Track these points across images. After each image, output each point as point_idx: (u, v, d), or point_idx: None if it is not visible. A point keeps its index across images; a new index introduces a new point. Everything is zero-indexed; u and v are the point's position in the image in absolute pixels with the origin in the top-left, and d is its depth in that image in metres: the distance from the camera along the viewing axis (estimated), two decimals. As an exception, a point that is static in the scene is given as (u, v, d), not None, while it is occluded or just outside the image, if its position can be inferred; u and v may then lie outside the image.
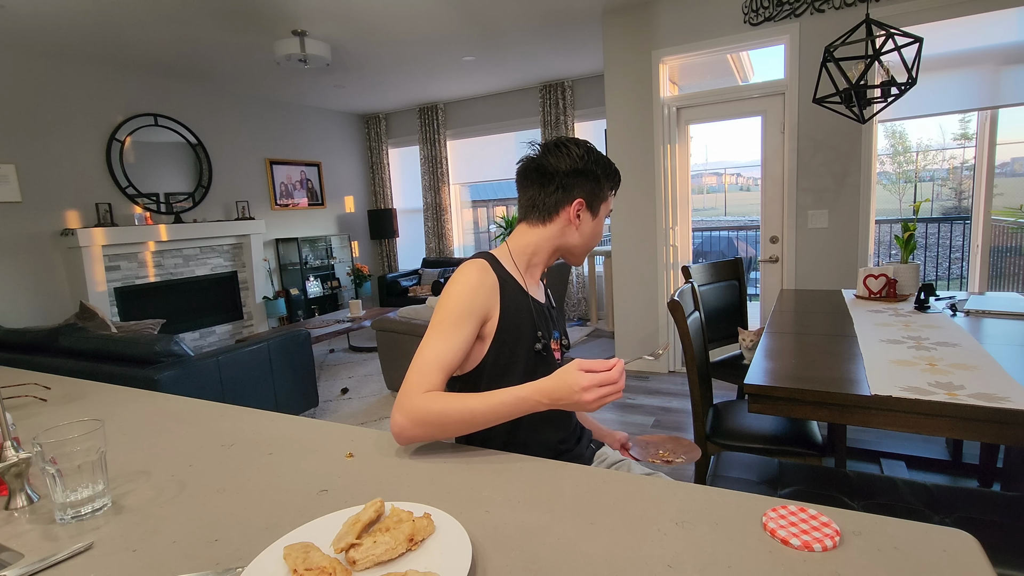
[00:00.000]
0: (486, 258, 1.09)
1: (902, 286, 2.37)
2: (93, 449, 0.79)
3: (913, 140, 6.43)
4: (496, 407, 0.90)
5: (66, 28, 3.64)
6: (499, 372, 1.06)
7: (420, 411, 0.91)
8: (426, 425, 0.91)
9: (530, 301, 1.12)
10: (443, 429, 0.91)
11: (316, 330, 4.36)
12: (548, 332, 1.14)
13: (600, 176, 1.14)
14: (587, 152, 1.13)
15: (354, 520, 0.69)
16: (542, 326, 1.12)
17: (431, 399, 0.92)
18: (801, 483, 1.40)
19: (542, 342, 1.10)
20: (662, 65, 3.75)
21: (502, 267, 1.10)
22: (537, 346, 1.10)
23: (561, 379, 0.86)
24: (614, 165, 1.18)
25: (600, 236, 1.20)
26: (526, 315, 1.09)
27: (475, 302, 1.01)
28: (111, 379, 2.23)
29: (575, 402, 0.85)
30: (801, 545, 0.63)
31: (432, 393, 0.93)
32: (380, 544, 0.65)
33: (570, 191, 1.11)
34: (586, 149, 1.14)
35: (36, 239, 4.15)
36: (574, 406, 0.86)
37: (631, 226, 4.00)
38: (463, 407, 0.91)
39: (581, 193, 1.12)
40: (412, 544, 0.68)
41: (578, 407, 0.86)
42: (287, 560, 0.63)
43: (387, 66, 4.94)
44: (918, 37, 2.15)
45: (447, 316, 0.99)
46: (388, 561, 0.65)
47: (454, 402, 0.91)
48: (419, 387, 0.94)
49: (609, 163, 1.17)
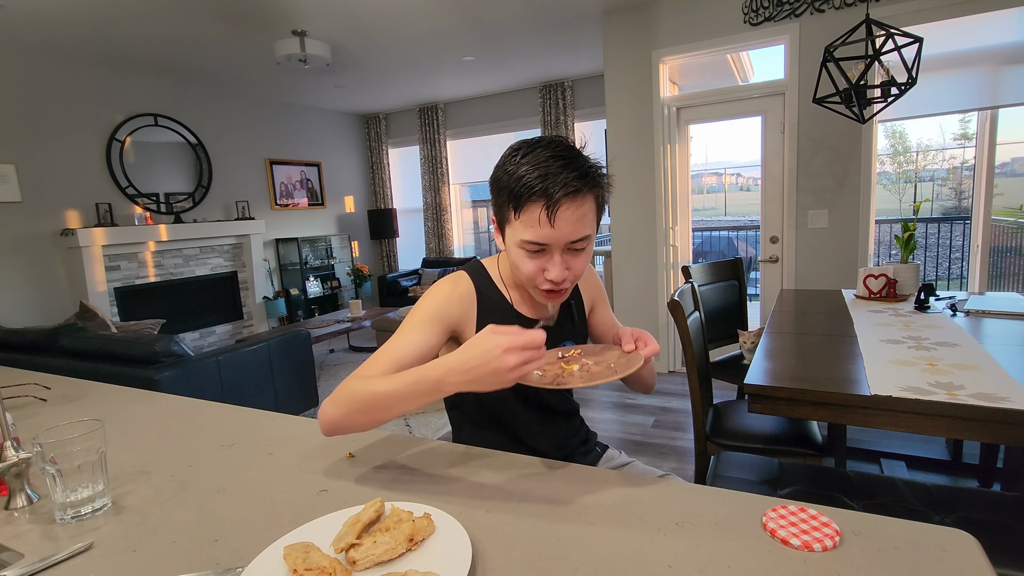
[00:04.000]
0: (471, 268, 1.04)
1: (902, 286, 2.37)
2: (93, 449, 0.79)
3: (913, 140, 6.44)
4: (398, 387, 0.78)
5: (66, 28, 3.64)
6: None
7: (337, 391, 0.85)
8: (336, 404, 0.84)
9: (512, 318, 1.02)
10: (352, 409, 0.83)
11: (316, 330, 4.36)
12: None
13: (498, 191, 0.92)
14: (506, 155, 0.92)
15: (354, 520, 0.69)
16: None
17: (350, 380, 0.85)
18: (801, 483, 1.40)
19: None
20: (662, 65, 3.75)
21: (488, 279, 1.03)
22: None
23: (474, 343, 0.72)
24: (525, 180, 0.86)
25: (525, 272, 0.92)
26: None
27: (441, 308, 0.95)
28: (111, 379, 2.22)
29: (493, 369, 0.70)
30: (801, 545, 0.63)
31: (357, 376, 0.86)
32: (380, 544, 0.65)
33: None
34: (511, 151, 0.91)
35: (36, 239, 4.15)
36: (491, 375, 0.70)
37: (631, 226, 4.00)
38: (369, 387, 0.81)
39: (493, 209, 0.96)
40: (412, 544, 0.67)
41: (495, 376, 0.70)
42: (287, 560, 0.63)
43: (387, 66, 4.94)
44: (918, 37, 2.15)
45: (411, 319, 0.94)
46: (388, 561, 0.65)
47: (364, 383, 0.83)
48: (358, 373, 0.88)
49: (513, 177, 0.87)
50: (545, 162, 0.86)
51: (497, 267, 1.05)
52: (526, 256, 0.91)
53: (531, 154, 0.88)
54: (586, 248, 0.93)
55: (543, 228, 0.87)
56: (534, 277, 0.93)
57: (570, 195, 0.86)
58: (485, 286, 1.02)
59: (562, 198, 0.85)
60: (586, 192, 0.88)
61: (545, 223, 0.86)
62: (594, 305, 1.18)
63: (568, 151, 0.89)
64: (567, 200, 0.86)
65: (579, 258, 0.93)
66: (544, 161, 0.86)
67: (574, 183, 0.85)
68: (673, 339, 3.99)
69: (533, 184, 0.85)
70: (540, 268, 0.92)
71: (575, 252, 0.92)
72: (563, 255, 0.91)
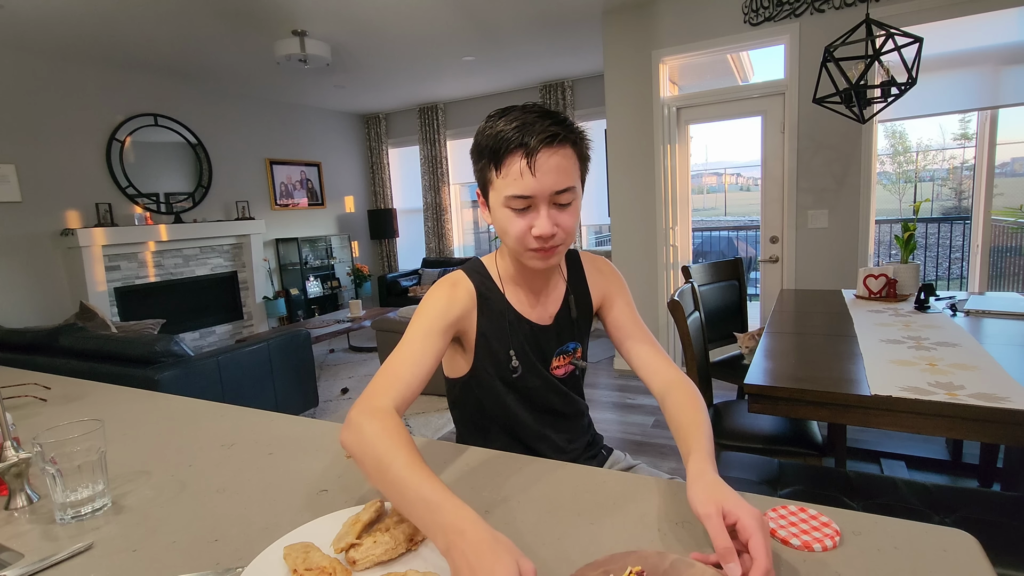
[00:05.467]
0: (470, 268, 1.03)
1: (902, 286, 2.37)
2: (93, 449, 0.79)
3: (913, 140, 6.43)
4: (410, 486, 0.66)
5: (66, 28, 3.64)
6: (483, 387, 1.02)
7: (361, 422, 0.75)
8: (355, 444, 0.74)
9: (507, 316, 1.01)
10: (361, 456, 0.73)
11: (316, 330, 4.36)
12: (539, 350, 1.04)
13: (479, 155, 0.92)
14: (483, 123, 0.91)
15: (354, 520, 0.69)
16: (526, 344, 1.02)
17: (381, 420, 0.75)
18: (801, 483, 1.40)
19: (516, 361, 1.01)
20: (662, 65, 3.75)
21: (488, 277, 1.02)
22: (512, 363, 1.00)
23: (498, 551, 0.56)
24: (502, 134, 0.87)
25: (513, 233, 0.91)
26: (501, 331, 1.01)
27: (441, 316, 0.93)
28: (111, 379, 2.23)
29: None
30: (801, 545, 0.63)
31: (392, 417, 0.77)
32: (380, 544, 0.65)
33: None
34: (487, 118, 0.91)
35: (36, 239, 4.15)
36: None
37: (631, 226, 4.00)
38: (384, 457, 0.70)
39: (477, 180, 0.96)
40: (412, 544, 0.67)
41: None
42: (287, 560, 0.63)
43: (387, 66, 4.94)
44: (918, 37, 2.15)
45: (414, 329, 0.91)
46: (388, 561, 0.65)
47: (386, 446, 0.71)
48: (385, 391, 0.82)
49: (490, 135, 0.88)
50: (520, 116, 0.87)
51: (495, 264, 1.04)
52: (513, 215, 0.90)
53: (506, 115, 0.89)
54: (573, 203, 0.91)
55: (525, 179, 0.86)
56: (523, 237, 0.90)
57: (547, 142, 0.85)
58: (484, 285, 1.01)
59: (540, 146, 0.85)
60: (564, 140, 0.87)
61: (527, 173, 0.86)
62: (608, 299, 1.12)
63: (542, 108, 0.90)
64: (545, 148, 0.85)
65: (565, 213, 0.91)
66: (519, 115, 0.87)
67: (551, 129, 0.85)
68: (673, 339, 3.99)
69: (510, 136, 0.86)
70: (528, 226, 0.90)
71: (561, 207, 0.90)
72: (549, 209, 0.89)
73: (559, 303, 1.07)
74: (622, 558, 0.60)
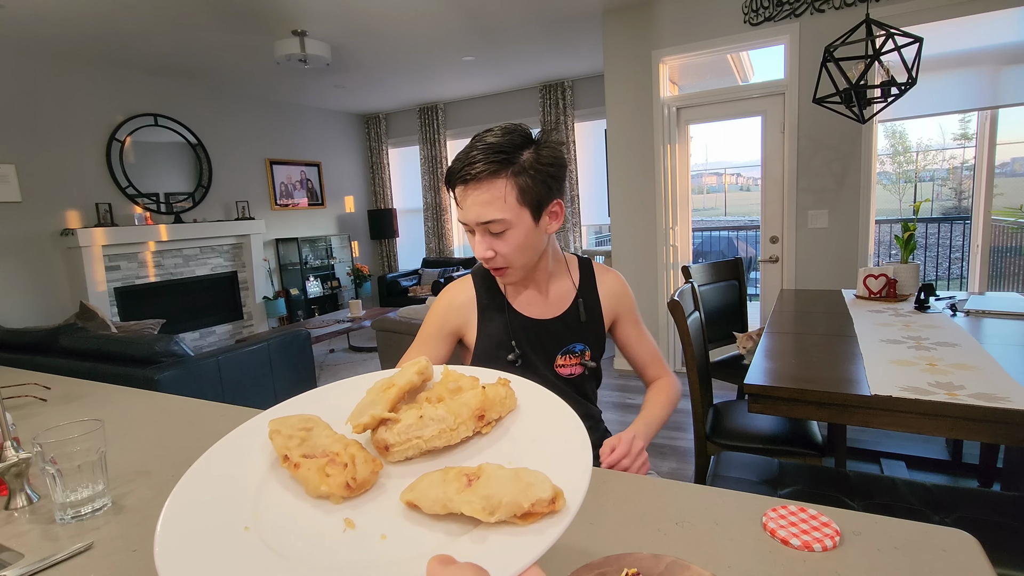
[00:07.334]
0: (476, 272, 1.07)
1: (902, 286, 2.37)
2: (93, 449, 0.79)
3: (913, 140, 6.43)
4: None
5: (66, 28, 3.64)
6: None
7: None
8: None
9: (505, 317, 1.03)
10: None
11: (316, 330, 4.36)
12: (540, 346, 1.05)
13: None
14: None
15: (386, 384, 0.44)
16: (525, 338, 1.04)
17: None
18: (801, 483, 1.40)
19: (517, 351, 1.03)
20: (662, 65, 3.75)
21: (491, 279, 1.06)
22: (511, 355, 1.03)
23: None
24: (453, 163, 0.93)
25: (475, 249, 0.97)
26: (501, 327, 1.03)
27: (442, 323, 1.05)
28: (111, 379, 2.22)
29: None
30: (801, 545, 0.63)
31: None
32: (431, 421, 0.40)
33: None
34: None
35: (36, 239, 4.15)
36: None
37: (631, 226, 4.00)
38: None
39: None
40: (483, 424, 0.42)
41: None
42: (274, 441, 0.41)
43: (387, 66, 4.94)
44: (918, 37, 2.15)
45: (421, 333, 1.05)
46: (444, 449, 0.40)
47: None
48: None
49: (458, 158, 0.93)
50: (469, 147, 0.92)
51: None
52: (469, 235, 0.98)
53: (470, 142, 0.93)
54: (507, 232, 0.92)
55: (462, 208, 0.93)
56: (478, 255, 0.97)
57: (471, 180, 0.89)
58: (486, 289, 1.05)
59: (463, 182, 0.90)
60: (489, 177, 0.89)
61: (462, 203, 0.93)
62: (618, 318, 1.18)
63: (490, 139, 0.90)
64: (469, 185, 0.90)
65: (501, 241, 0.93)
66: (470, 146, 0.92)
67: (473, 168, 0.89)
68: (673, 339, 3.99)
69: (453, 167, 0.92)
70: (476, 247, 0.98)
71: (495, 235, 0.93)
72: (483, 236, 0.94)
73: (566, 303, 1.09)
74: (617, 560, 0.60)
